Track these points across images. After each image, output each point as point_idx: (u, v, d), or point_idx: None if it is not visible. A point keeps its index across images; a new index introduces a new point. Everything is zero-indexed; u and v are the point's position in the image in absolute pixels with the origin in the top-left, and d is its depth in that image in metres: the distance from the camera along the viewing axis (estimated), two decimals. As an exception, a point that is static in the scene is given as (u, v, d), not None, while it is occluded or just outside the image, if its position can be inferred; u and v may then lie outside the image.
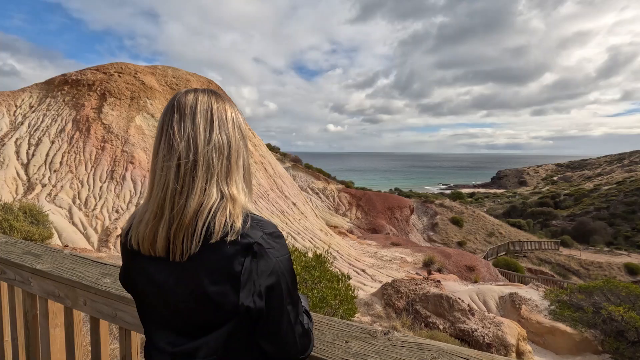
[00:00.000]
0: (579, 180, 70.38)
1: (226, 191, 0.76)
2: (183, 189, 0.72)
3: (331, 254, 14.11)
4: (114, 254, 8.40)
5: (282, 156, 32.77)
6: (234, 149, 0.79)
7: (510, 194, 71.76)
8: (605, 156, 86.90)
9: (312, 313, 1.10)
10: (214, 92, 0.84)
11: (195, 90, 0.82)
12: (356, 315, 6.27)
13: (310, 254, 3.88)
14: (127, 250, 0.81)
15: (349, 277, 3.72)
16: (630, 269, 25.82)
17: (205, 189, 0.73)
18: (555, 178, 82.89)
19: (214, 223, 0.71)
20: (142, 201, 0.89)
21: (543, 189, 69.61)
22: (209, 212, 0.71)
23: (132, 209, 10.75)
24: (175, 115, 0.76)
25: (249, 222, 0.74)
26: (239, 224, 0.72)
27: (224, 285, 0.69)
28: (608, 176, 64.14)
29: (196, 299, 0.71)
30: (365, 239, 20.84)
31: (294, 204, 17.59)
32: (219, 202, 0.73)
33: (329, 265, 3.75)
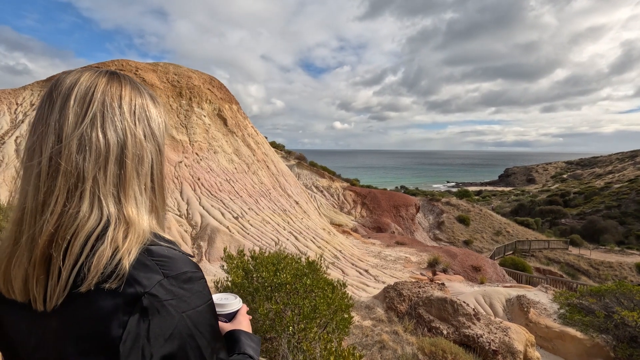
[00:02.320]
0: (589, 178, 69.17)
1: (114, 210, 0.53)
2: (44, 207, 0.51)
3: (334, 255, 13.82)
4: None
5: (287, 154, 32.61)
6: (130, 151, 0.56)
7: (519, 191, 70.82)
8: (617, 153, 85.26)
9: None
10: (114, 73, 0.60)
11: (84, 70, 0.59)
12: (355, 320, 6.04)
13: (303, 260, 3.66)
14: None
15: (345, 285, 3.49)
16: (642, 269, 25.22)
17: (74, 206, 0.51)
18: (564, 176, 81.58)
19: (91, 263, 0.48)
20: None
21: (552, 187, 68.60)
22: (85, 243, 0.49)
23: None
24: (45, 102, 0.56)
25: (144, 260, 0.51)
26: (127, 262, 0.48)
27: (96, 358, 0.47)
28: (619, 174, 62.91)
29: None
30: (369, 237, 20.58)
31: (297, 203, 17.38)
32: (103, 228, 0.51)
33: (322, 272, 3.53)
